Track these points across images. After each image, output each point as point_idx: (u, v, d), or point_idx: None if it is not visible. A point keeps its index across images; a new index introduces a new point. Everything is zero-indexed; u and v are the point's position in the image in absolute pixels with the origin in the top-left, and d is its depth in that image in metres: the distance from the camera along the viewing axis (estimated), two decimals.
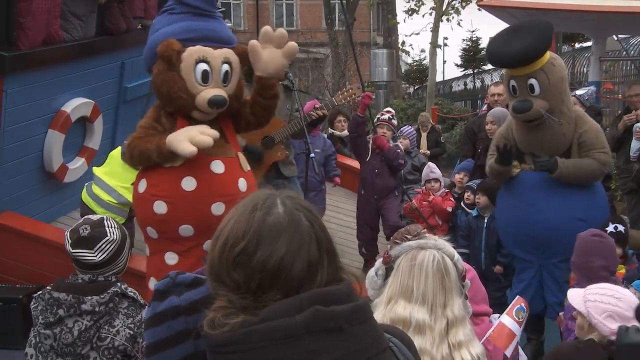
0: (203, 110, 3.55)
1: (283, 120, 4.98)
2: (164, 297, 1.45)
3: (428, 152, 9.54)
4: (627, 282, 3.69)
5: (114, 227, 2.57)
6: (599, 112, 5.01)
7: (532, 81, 4.20)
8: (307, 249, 1.22)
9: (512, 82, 4.32)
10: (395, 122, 6.05)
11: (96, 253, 2.48)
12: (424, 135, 9.92)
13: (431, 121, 10.80)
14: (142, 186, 3.62)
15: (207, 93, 3.49)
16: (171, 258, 3.59)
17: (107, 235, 2.52)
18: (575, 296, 2.67)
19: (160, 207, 3.52)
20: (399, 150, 5.78)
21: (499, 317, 2.54)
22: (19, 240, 5.21)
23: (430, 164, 6.26)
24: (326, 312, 1.15)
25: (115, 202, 4.91)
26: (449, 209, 5.63)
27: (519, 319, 2.48)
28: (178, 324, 1.41)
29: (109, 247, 2.51)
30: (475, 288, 2.40)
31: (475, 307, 2.26)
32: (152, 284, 3.62)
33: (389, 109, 6.84)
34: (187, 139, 3.35)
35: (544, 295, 4.43)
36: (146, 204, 3.58)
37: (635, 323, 2.48)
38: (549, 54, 4.29)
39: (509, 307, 2.51)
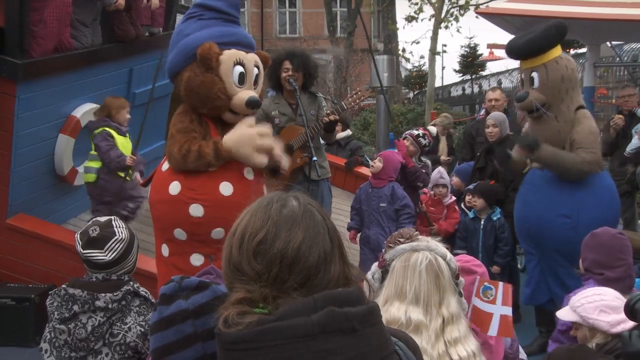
0: (238, 112, 3.57)
1: (301, 127, 5.06)
2: (171, 301, 1.46)
3: (449, 158, 8.66)
4: None
5: (122, 227, 2.62)
6: None
7: (534, 74, 4.45)
8: (322, 239, 1.25)
9: (522, 75, 4.61)
10: (423, 141, 5.87)
11: (106, 253, 2.53)
12: (442, 139, 8.82)
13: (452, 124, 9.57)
14: (176, 188, 3.53)
15: (245, 94, 3.52)
16: (197, 259, 3.54)
17: (116, 235, 2.57)
18: (564, 313, 2.67)
19: (197, 210, 3.48)
20: (423, 171, 5.71)
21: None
22: (31, 241, 5.29)
23: (440, 168, 6.13)
24: (341, 313, 1.17)
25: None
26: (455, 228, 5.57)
27: (488, 298, 2.37)
28: (186, 327, 1.42)
29: (119, 246, 2.55)
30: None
31: None
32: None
33: (430, 128, 6.74)
34: (254, 148, 3.45)
35: (547, 286, 4.54)
36: (181, 207, 3.51)
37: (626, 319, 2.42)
38: (557, 53, 4.45)
39: (474, 290, 2.39)
